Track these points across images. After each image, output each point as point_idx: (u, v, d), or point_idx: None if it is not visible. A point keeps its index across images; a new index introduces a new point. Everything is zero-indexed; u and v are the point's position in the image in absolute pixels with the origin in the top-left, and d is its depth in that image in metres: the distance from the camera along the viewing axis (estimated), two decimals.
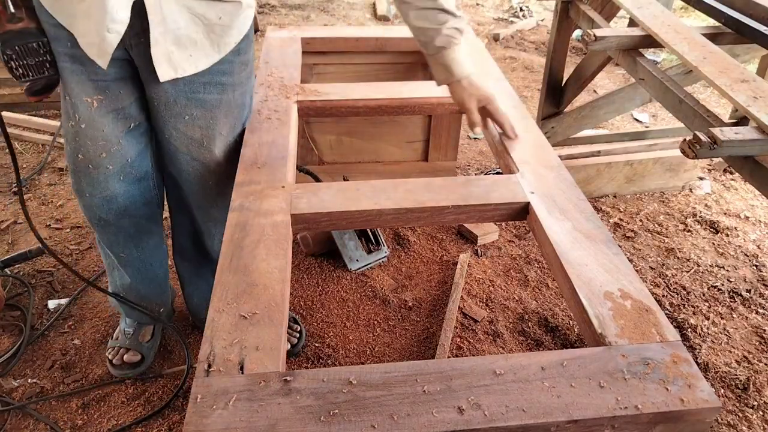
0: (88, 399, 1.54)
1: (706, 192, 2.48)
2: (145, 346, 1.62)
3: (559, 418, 0.76)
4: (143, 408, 1.52)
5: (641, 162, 2.38)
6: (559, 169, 1.27)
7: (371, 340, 1.73)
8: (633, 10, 1.81)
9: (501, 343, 1.74)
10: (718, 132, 1.21)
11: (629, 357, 0.84)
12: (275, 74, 1.66)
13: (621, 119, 3.12)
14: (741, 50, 1.83)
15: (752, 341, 1.77)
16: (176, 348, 1.70)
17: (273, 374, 0.81)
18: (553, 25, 2.32)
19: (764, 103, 1.28)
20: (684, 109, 1.49)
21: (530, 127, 1.44)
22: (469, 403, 0.77)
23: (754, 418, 1.54)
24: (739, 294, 1.94)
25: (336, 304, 1.85)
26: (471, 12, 4.83)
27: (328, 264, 2.00)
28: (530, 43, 4.22)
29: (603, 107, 2.36)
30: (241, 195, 1.16)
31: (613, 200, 2.42)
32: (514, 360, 0.84)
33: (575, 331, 1.78)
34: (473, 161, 2.72)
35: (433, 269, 2.01)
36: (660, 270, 2.04)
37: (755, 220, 2.31)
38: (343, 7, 4.74)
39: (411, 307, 1.85)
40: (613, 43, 1.74)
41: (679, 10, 4.59)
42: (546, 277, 1.99)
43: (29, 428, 1.48)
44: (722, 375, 1.65)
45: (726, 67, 1.44)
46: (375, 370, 0.82)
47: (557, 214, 1.13)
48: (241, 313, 0.90)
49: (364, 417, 0.75)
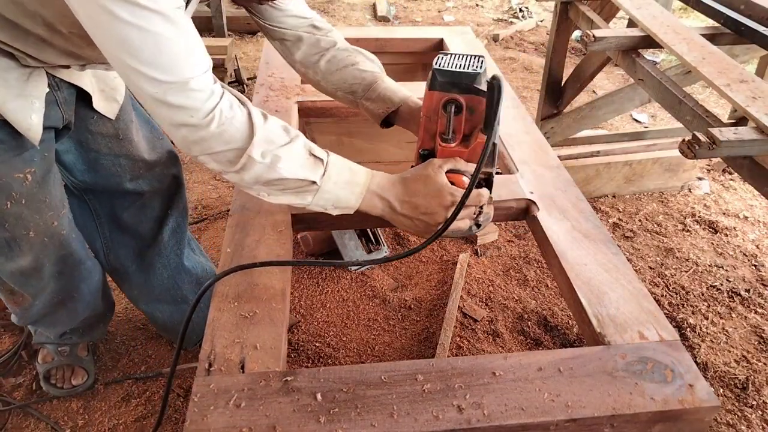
0: (89, 399, 1.55)
1: (705, 192, 2.48)
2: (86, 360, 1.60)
3: (558, 417, 0.76)
4: (144, 407, 1.52)
5: (640, 162, 2.38)
6: (558, 170, 1.28)
7: (371, 340, 1.74)
8: (632, 10, 1.82)
9: (500, 342, 1.74)
10: (717, 132, 1.21)
11: (628, 356, 0.84)
12: (276, 75, 1.66)
13: (620, 119, 3.12)
14: (740, 51, 1.83)
15: (751, 341, 1.77)
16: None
17: (273, 373, 0.81)
18: (552, 25, 2.33)
19: (763, 104, 1.28)
20: (683, 109, 1.49)
21: (529, 128, 1.44)
22: (468, 402, 0.77)
23: (752, 418, 1.55)
24: (737, 294, 1.94)
25: (336, 304, 1.85)
26: (471, 13, 4.83)
27: None
28: (529, 44, 4.23)
29: (602, 108, 2.36)
30: (241, 195, 1.16)
31: (612, 200, 2.42)
32: (514, 359, 0.84)
33: (574, 331, 1.79)
34: None
35: (432, 269, 2.02)
36: (659, 270, 2.05)
37: (754, 220, 2.32)
38: (343, 8, 4.75)
39: (411, 306, 1.85)
40: (612, 43, 1.74)
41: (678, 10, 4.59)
42: (545, 277, 1.99)
43: (30, 428, 1.48)
44: (721, 374, 1.66)
45: (725, 68, 1.44)
46: (375, 369, 0.82)
47: (556, 214, 1.13)
48: (242, 312, 0.91)
49: (364, 416, 0.76)
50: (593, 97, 3.17)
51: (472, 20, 4.64)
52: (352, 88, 1.17)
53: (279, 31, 1.16)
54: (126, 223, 1.43)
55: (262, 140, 0.86)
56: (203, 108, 0.81)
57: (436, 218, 0.95)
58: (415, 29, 2.20)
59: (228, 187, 2.46)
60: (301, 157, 0.89)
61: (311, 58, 1.17)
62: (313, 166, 0.90)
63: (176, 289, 1.56)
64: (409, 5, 4.93)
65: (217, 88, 0.84)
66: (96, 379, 1.59)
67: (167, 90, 0.78)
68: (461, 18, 4.69)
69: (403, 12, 4.77)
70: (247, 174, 0.87)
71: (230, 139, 0.84)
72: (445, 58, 0.95)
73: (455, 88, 0.92)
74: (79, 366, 1.56)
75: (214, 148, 0.85)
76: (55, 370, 1.55)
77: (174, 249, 1.53)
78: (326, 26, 1.19)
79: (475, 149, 0.96)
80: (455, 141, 0.97)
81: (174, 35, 0.76)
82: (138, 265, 1.51)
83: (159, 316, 1.62)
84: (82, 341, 1.58)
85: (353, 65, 1.16)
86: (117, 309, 1.77)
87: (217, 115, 0.82)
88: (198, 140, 0.83)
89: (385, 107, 1.15)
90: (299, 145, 0.90)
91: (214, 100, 0.82)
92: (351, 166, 0.95)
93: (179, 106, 0.80)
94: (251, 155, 0.85)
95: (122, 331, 1.76)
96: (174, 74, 0.77)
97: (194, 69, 0.79)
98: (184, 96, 0.79)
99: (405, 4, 4.96)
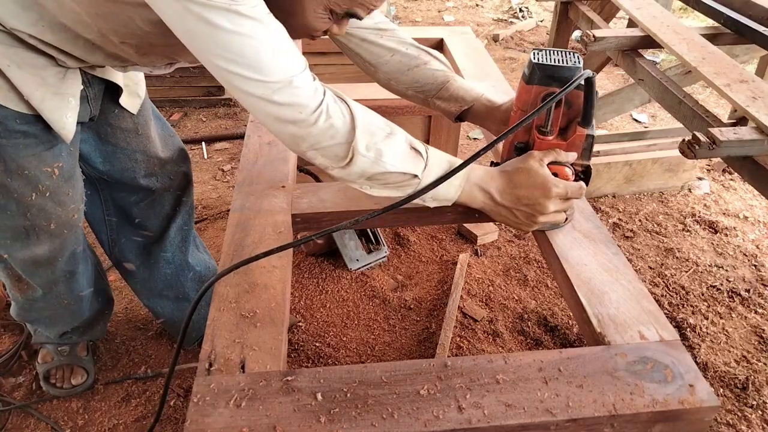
0: (89, 399, 1.55)
1: (705, 192, 2.48)
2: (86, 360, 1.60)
3: (558, 417, 0.76)
4: (144, 407, 1.52)
5: (640, 162, 2.38)
6: None
7: (371, 340, 1.74)
8: (632, 10, 1.82)
9: (501, 342, 1.74)
10: (717, 132, 1.21)
11: (628, 356, 0.84)
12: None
13: (620, 119, 3.12)
14: (740, 51, 1.83)
15: (751, 341, 1.77)
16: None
17: (274, 373, 0.81)
18: (552, 25, 2.33)
19: (763, 104, 1.28)
20: (683, 109, 1.49)
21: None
22: (468, 402, 0.77)
23: (753, 418, 1.55)
24: (738, 294, 1.94)
25: (336, 304, 1.85)
26: (471, 13, 4.83)
27: (328, 264, 2.00)
28: (530, 44, 4.23)
29: (602, 107, 2.36)
30: (241, 195, 1.16)
31: (612, 200, 2.42)
32: (514, 359, 0.84)
33: (574, 331, 1.79)
34: None
35: (432, 269, 2.02)
36: (659, 270, 2.05)
37: (754, 220, 2.32)
38: None
39: (411, 306, 1.85)
40: (612, 43, 1.74)
41: (678, 10, 4.59)
42: (545, 277, 1.99)
43: (30, 428, 1.48)
44: (721, 374, 1.66)
45: (725, 68, 1.44)
46: (375, 369, 0.82)
47: None
48: (242, 312, 0.91)
49: (364, 416, 0.75)
50: None
51: (472, 20, 4.64)
52: (424, 87, 1.19)
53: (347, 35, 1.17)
54: (135, 218, 1.44)
55: (365, 132, 0.87)
56: (311, 104, 0.83)
57: (540, 209, 0.97)
58: (415, 29, 2.20)
59: (228, 187, 2.46)
60: (404, 151, 0.90)
61: (381, 59, 1.19)
62: (415, 159, 0.91)
63: (179, 285, 1.57)
64: (409, 5, 4.93)
65: (319, 85, 0.85)
66: (96, 378, 1.60)
67: (274, 90, 0.80)
68: (461, 18, 4.69)
69: (403, 12, 4.77)
70: (353, 168, 0.88)
71: (336, 133, 0.86)
72: (541, 53, 0.97)
73: (555, 81, 0.95)
74: (78, 366, 1.56)
75: (322, 143, 0.86)
76: (54, 369, 1.55)
77: (179, 246, 1.54)
78: (391, 26, 1.19)
79: (574, 142, 0.99)
80: (553, 134, 0.99)
81: (270, 38, 0.78)
82: (143, 260, 1.52)
83: (160, 311, 1.62)
84: (81, 340, 1.58)
85: (424, 65, 1.18)
86: (117, 309, 1.78)
87: (324, 110, 0.84)
88: (306, 136, 0.85)
89: (458, 106, 1.17)
90: (401, 138, 0.91)
91: (319, 95, 0.84)
92: (450, 159, 0.95)
93: (287, 103, 0.81)
94: (356, 149, 0.86)
95: (122, 331, 1.76)
96: (277, 74, 0.79)
97: (294, 67, 0.81)
98: (290, 93, 0.81)
99: (405, 4, 4.96)
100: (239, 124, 2.94)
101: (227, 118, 3.01)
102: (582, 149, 1.00)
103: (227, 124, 2.96)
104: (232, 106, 3.08)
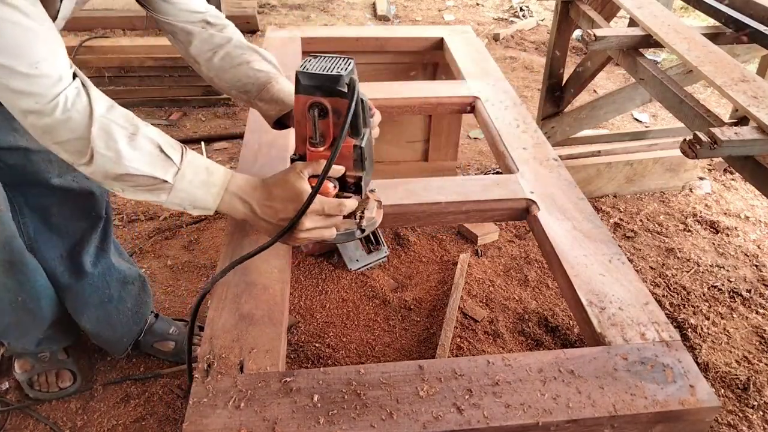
0: (88, 400, 1.54)
1: (706, 192, 2.48)
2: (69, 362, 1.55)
3: (558, 418, 0.76)
4: (143, 408, 1.52)
5: (641, 162, 2.37)
6: (559, 169, 1.27)
7: (371, 340, 1.73)
8: (633, 9, 1.81)
9: (501, 343, 1.74)
10: (718, 132, 1.21)
11: (629, 357, 0.84)
12: None
13: (621, 119, 3.12)
14: (741, 50, 1.83)
15: (752, 341, 1.77)
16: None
17: (273, 374, 0.81)
18: (553, 25, 2.32)
19: (764, 103, 1.28)
20: (684, 109, 1.49)
21: (530, 127, 1.44)
22: (468, 403, 0.77)
23: (754, 418, 1.54)
24: (739, 294, 1.94)
25: (336, 304, 1.85)
26: (471, 12, 4.83)
27: (328, 264, 2.00)
28: (530, 43, 4.22)
29: (603, 107, 2.36)
30: None
31: (613, 200, 2.42)
32: (514, 360, 0.84)
33: (575, 331, 1.78)
34: (473, 161, 2.72)
35: (433, 269, 2.01)
36: (660, 270, 2.04)
37: (755, 220, 2.31)
38: (343, 7, 4.74)
39: (411, 307, 1.85)
40: (613, 42, 1.74)
41: (679, 9, 4.59)
42: (546, 277, 1.99)
43: (29, 428, 1.48)
44: (722, 375, 1.65)
45: (726, 67, 1.44)
46: (375, 369, 0.82)
47: (557, 214, 1.13)
48: (241, 312, 0.90)
49: (363, 417, 0.75)
50: (594, 96, 3.16)
51: (472, 19, 4.64)
52: (245, 87, 1.14)
53: (170, 25, 1.13)
54: (54, 222, 1.37)
55: (102, 130, 0.83)
56: (48, 93, 0.79)
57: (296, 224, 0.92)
58: (416, 28, 2.20)
59: None
60: (150, 153, 0.86)
61: (204, 54, 1.15)
62: (164, 163, 0.87)
63: (105, 287, 1.48)
64: (409, 4, 4.93)
65: (67, 75, 0.82)
66: (94, 379, 1.59)
67: (11, 75, 0.77)
68: (462, 17, 4.68)
69: (403, 11, 4.77)
70: (95, 167, 0.84)
71: (76, 126, 0.82)
72: (312, 60, 0.93)
73: (318, 90, 0.90)
74: (63, 369, 1.53)
75: (61, 137, 0.83)
76: (36, 376, 1.52)
77: (101, 247, 1.46)
78: (221, 22, 1.16)
79: (342, 153, 0.93)
80: (323, 145, 0.94)
81: (19, 21, 0.75)
82: (66, 266, 1.43)
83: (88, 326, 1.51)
84: (59, 347, 1.54)
85: (247, 63, 1.14)
86: None
87: (61, 101, 0.80)
88: (45, 127, 0.82)
89: (278, 109, 1.12)
90: (146, 140, 0.87)
91: (60, 85, 0.80)
92: (209, 166, 0.92)
93: (23, 91, 0.78)
94: (95, 146, 0.83)
95: None
96: (18, 59, 0.76)
97: (40, 54, 0.78)
98: (27, 81, 0.78)
99: (405, 3, 4.96)
100: (238, 124, 2.94)
101: (226, 118, 3.01)
102: (353, 160, 0.94)
103: (226, 123, 2.96)
104: (232, 106, 3.08)
